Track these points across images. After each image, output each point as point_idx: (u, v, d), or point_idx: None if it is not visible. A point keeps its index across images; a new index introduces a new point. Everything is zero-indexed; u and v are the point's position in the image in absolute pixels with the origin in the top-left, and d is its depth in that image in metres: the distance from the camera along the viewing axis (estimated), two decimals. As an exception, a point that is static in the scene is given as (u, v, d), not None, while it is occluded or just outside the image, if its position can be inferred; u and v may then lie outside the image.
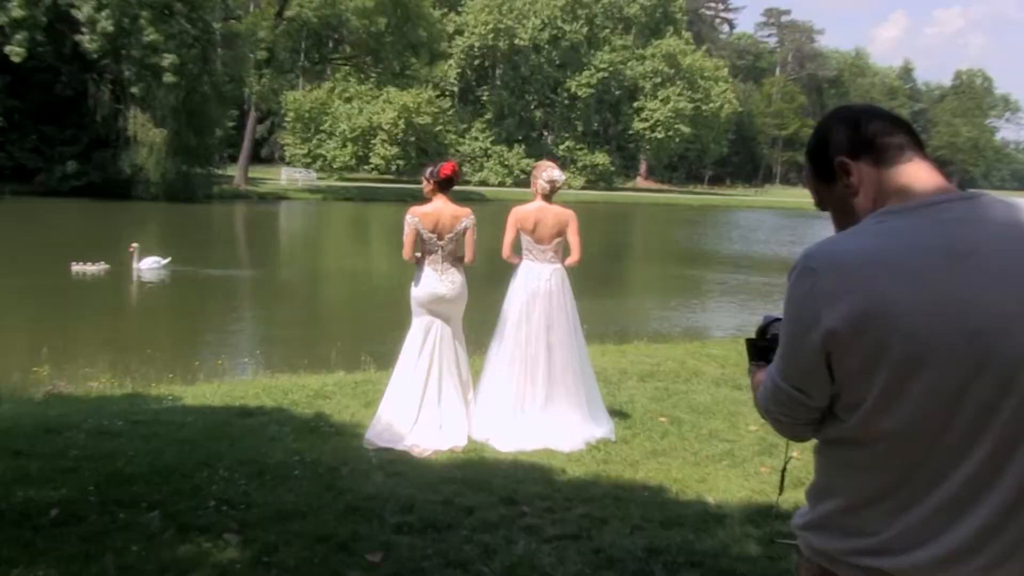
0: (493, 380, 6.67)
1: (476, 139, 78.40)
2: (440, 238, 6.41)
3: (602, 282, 21.79)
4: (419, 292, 6.51)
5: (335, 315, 18.40)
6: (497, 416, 6.56)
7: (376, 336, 14.20)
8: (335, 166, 68.25)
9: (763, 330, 2.05)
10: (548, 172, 6.68)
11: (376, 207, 51.19)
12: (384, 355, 10.68)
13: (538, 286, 6.65)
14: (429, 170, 6.50)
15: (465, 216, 6.43)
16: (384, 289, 21.28)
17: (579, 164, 79.13)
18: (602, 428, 6.60)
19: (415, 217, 6.38)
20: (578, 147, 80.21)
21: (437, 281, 6.47)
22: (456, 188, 6.58)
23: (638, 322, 16.78)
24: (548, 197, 6.69)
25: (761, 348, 2.01)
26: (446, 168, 6.43)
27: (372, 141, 67.87)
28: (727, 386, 8.36)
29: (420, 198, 6.64)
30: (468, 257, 6.50)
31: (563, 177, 6.80)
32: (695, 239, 39.92)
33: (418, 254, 6.52)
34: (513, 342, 6.65)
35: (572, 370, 6.64)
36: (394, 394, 6.50)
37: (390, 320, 16.23)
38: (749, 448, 6.30)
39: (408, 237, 6.40)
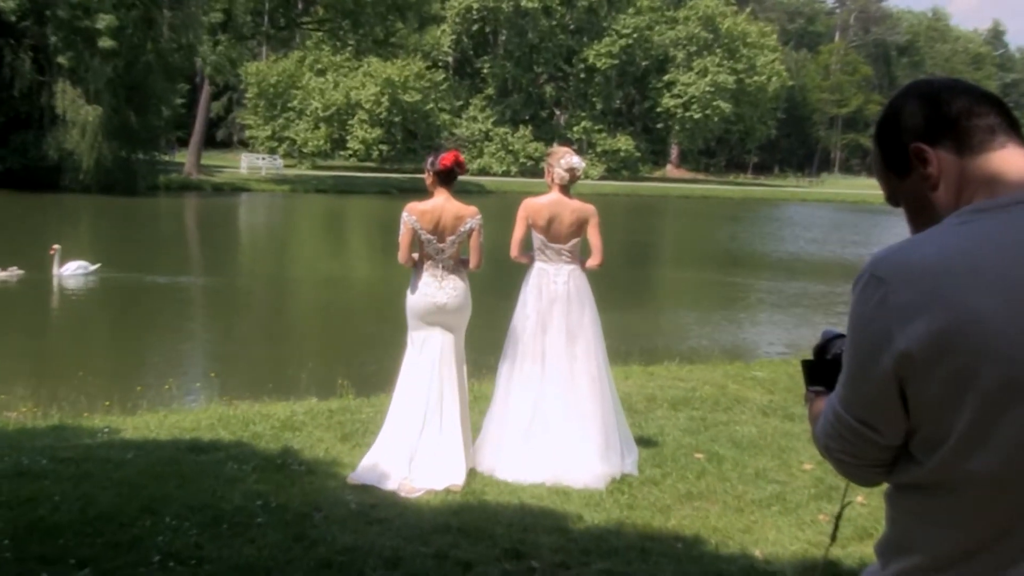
0: (506, 403, 6.73)
1: (475, 120, 78.69)
2: (441, 240, 6.47)
3: (625, 291, 21.74)
4: (415, 302, 6.58)
5: (306, 331, 18.42)
6: (507, 442, 6.63)
7: (356, 356, 14.20)
8: (305, 151, 68.60)
9: (823, 348, 2.03)
10: (566, 159, 6.71)
11: (355, 201, 51.36)
12: (365, 379, 10.69)
13: (555, 290, 6.70)
14: (429, 160, 6.57)
15: (471, 216, 6.48)
16: (365, 300, 21.30)
17: (597, 149, 79.36)
18: (627, 460, 6.64)
19: (412, 215, 6.44)
20: (596, 129, 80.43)
21: (436, 289, 6.53)
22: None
23: (668, 339, 16.75)
24: (566, 188, 6.73)
25: (821, 371, 1.99)
26: (446, 158, 6.46)
27: (350, 122, 68.20)
28: (776, 416, 8.34)
29: (406, 190, 6.71)
30: (473, 262, 6.57)
31: (583, 164, 6.83)
32: (737, 239, 39.92)
33: (415, 256, 6.58)
34: (531, 359, 6.70)
35: (597, 387, 6.69)
36: (391, 424, 6.59)
37: (373, 337, 16.30)
38: (803, 491, 6.28)
39: (404, 238, 6.47)
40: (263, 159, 63.66)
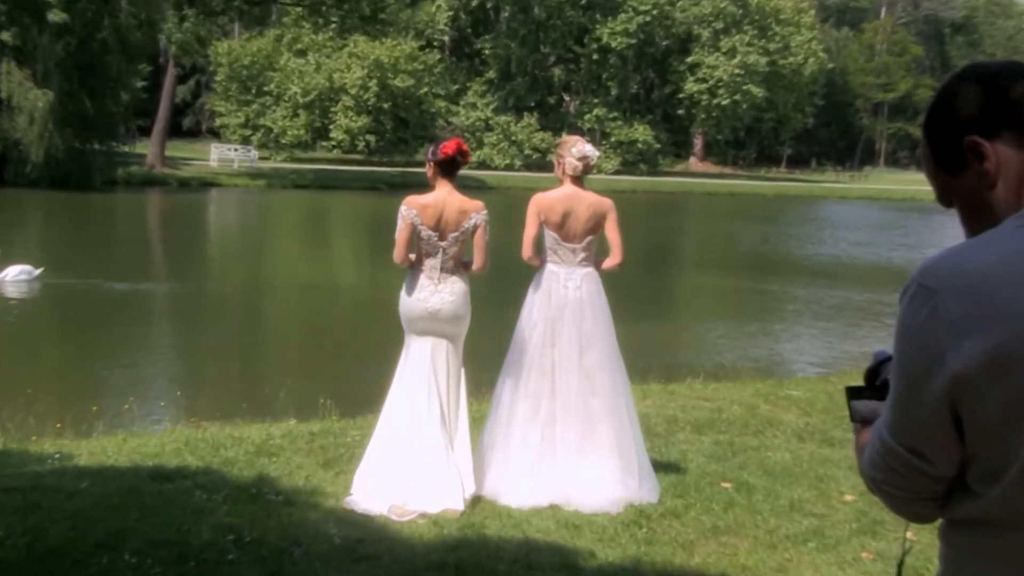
0: (511, 423, 6.75)
1: (474, 107, 78.79)
2: (442, 237, 6.52)
3: (642, 299, 21.72)
4: (407, 306, 6.65)
5: (284, 344, 18.42)
6: (511, 466, 6.66)
7: (340, 372, 14.21)
8: (283, 142, 68.73)
9: (874, 372, 2.00)
10: (578, 147, 6.74)
11: (338, 198, 51.42)
12: (351, 397, 10.68)
13: (566, 296, 6.72)
14: (430, 149, 6.64)
15: (475, 211, 6.54)
16: (351, 309, 21.30)
17: (612, 140, 79.43)
18: (645, 488, 6.66)
19: (412, 209, 6.50)
20: (611, 117, 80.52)
21: (430, 293, 6.59)
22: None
23: (691, 353, 16.74)
24: (579, 180, 6.76)
25: (870, 397, 1.97)
26: (448, 146, 6.52)
27: (333, 109, 68.32)
28: (813, 440, 8.33)
29: (396, 185, 6.76)
30: (477, 263, 6.62)
31: (597, 154, 6.86)
32: (770, 241, 39.89)
33: (412, 256, 6.64)
34: (538, 372, 6.72)
35: (612, 405, 6.71)
36: (377, 441, 6.66)
37: (359, 351, 16.30)
38: (844, 526, 6.27)
39: (401, 234, 6.52)
40: (235, 150, 63.80)
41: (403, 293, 6.68)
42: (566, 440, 6.67)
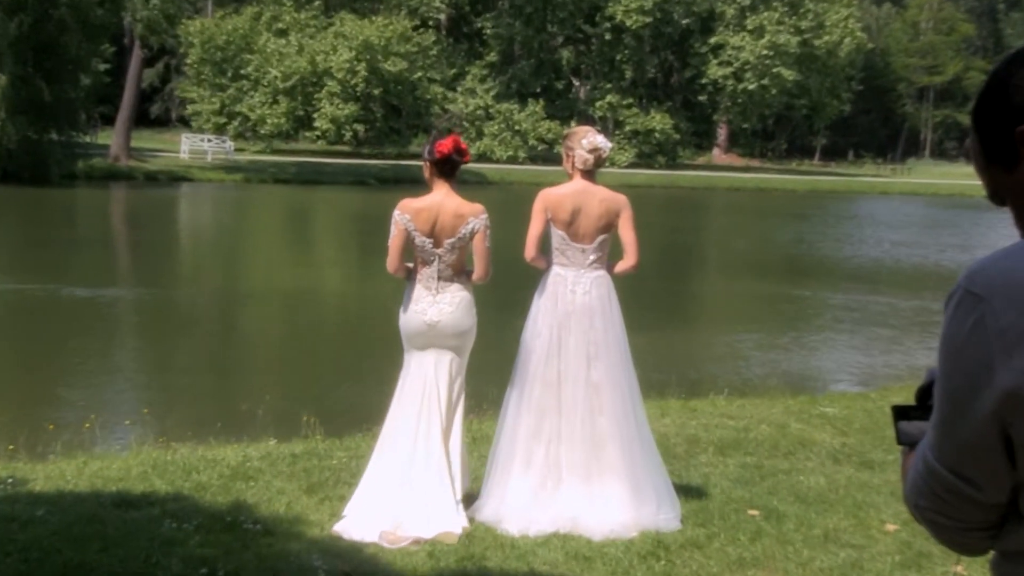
0: (515, 439, 6.77)
1: (473, 93, 78.83)
2: (437, 244, 6.58)
3: (660, 306, 21.71)
4: (405, 320, 6.73)
5: (263, 356, 18.41)
6: (513, 488, 6.68)
7: (325, 388, 14.20)
8: (262, 132, 68.71)
9: (926, 391, 1.97)
10: (589, 138, 6.76)
11: (323, 193, 51.45)
12: (337, 415, 10.69)
13: (573, 301, 6.75)
14: (426, 147, 6.71)
15: (473, 215, 6.59)
16: (337, 318, 21.30)
17: (626, 129, 79.45)
18: (664, 514, 6.67)
19: (405, 214, 6.56)
20: (625, 104, 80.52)
21: (428, 304, 6.65)
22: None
23: (715, 366, 16.72)
24: (590, 174, 6.79)
25: (919, 417, 1.95)
26: (444, 144, 6.59)
27: (317, 95, 68.30)
28: (851, 463, 8.33)
29: (387, 180, 6.82)
30: (478, 272, 6.68)
31: (609, 145, 6.89)
32: (804, 241, 39.85)
33: (410, 265, 6.71)
34: (542, 385, 6.75)
35: (623, 421, 6.73)
36: (375, 462, 6.75)
37: (346, 364, 16.30)
38: (885, 558, 6.26)
39: (395, 242, 6.59)
40: (209, 141, 63.84)
41: (402, 307, 6.75)
42: (572, 460, 6.69)
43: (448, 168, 6.60)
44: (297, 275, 27.21)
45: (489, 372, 7.95)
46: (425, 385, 6.65)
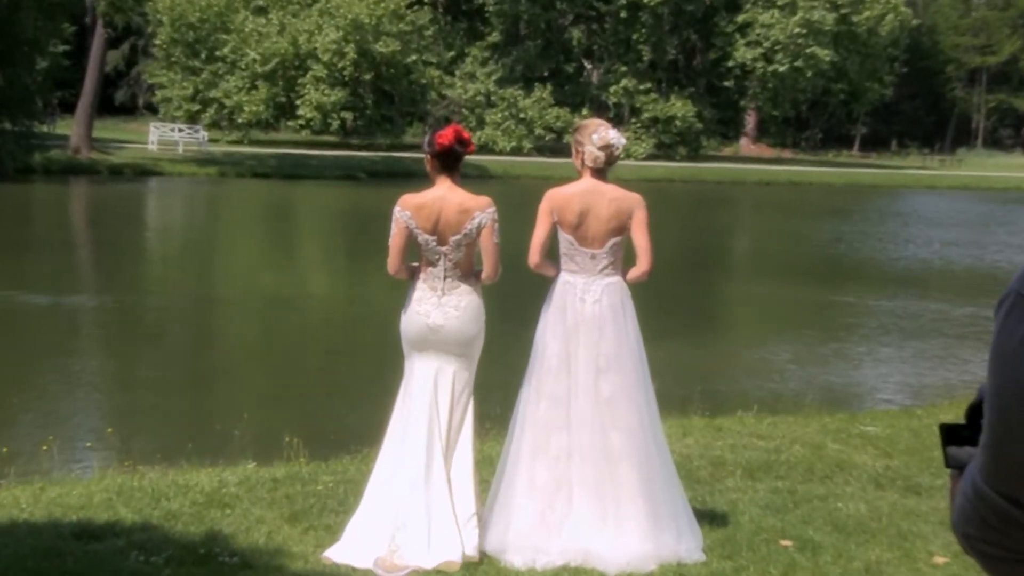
0: (517, 459, 6.79)
1: (473, 77, 78.86)
2: (442, 242, 6.63)
3: (682, 313, 21.67)
4: (406, 323, 6.80)
5: (241, 370, 18.41)
6: (517, 514, 6.69)
7: (309, 405, 14.20)
8: (239, 120, 68.78)
9: (976, 409, 1.94)
10: (600, 133, 6.77)
11: (308, 188, 51.44)
12: (322, 435, 10.68)
13: (582, 311, 6.76)
14: (426, 139, 6.78)
15: (479, 209, 6.65)
16: (323, 327, 21.27)
17: (644, 117, 79.44)
18: (685, 544, 6.66)
19: (406, 210, 6.63)
20: (642, 89, 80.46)
21: (432, 307, 6.70)
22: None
23: (743, 380, 16.72)
24: (601, 172, 6.81)
25: (970, 438, 1.93)
26: (444, 134, 6.65)
27: (301, 80, 68.36)
28: (894, 488, 8.32)
29: (378, 174, 6.86)
30: (486, 271, 6.74)
31: (623, 140, 6.90)
32: (844, 241, 39.77)
33: (414, 264, 6.78)
34: (549, 400, 6.76)
35: (638, 438, 6.73)
36: (373, 482, 6.80)
37: (334, 378, 16.27)
38: (934, 593, 6.25)
39: (395, 240, 6.66)
40: (180, 131, 63.88)
41: (403, 309, 6.81)
42: (583, 477, 6.68)
43: (450, 160, 6.66)
44: (278, 279, 27.20)
45: (494, 389, 7.94)
46: (427, 397, 6.69)
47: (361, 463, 8.67)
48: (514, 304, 11.87)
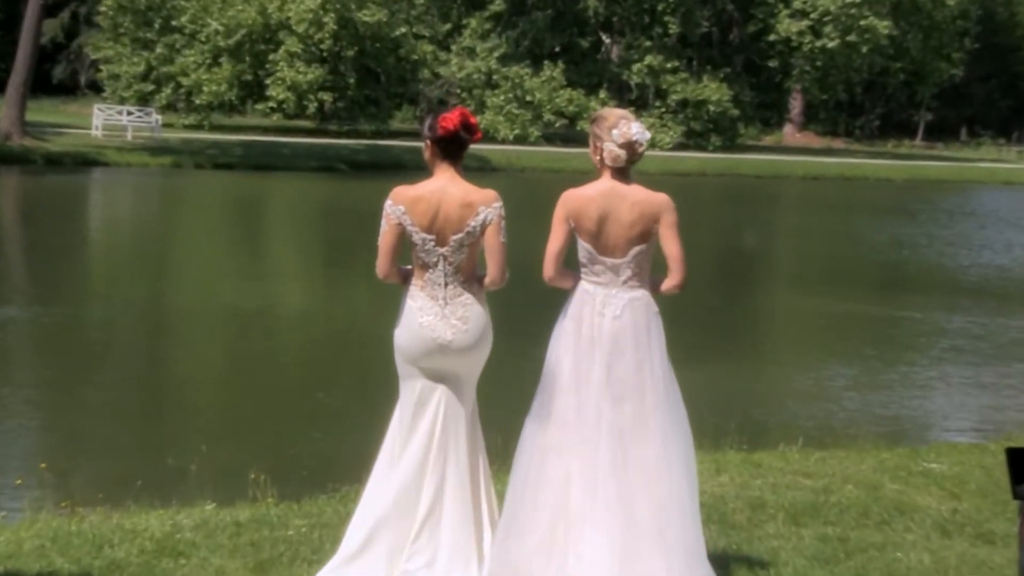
0: (523, 489, 6.79)
1: (472, 53, 78.85)
2: (441, 241, 6.64)
3: (716, 329, 21.68)
4: (404, 338, 6.79)
5: (198, 395, 18.40)
6: (516, 549, 6.71)
7: (279, 435, 14.19)
8: (198, 102, 68.71)
9: None
10: (622, 128, 6.77)
11: (279, 182, 51.42)
12: (294, 471, 10.68)
13: (600, 326, 6.77)
14: (427, 123, 6.80)
15: (485, 203, 6.67)
16: (296, 344, 21.27)
17: (670, 101, 79.37)
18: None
19: (399, 204, 6.64)
20: (669, 68, 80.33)
21: (436, 318, 6.71)
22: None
23: (786, 408, 16.73)
24: (623, 171, 6.81)
25: None
26: (449, 118, 6.65)
27: (271, 56, 68.32)
28: (963, 536, 8.32)
29: (361, 166, 6.86)
30: (492, 274, 6.74)
31: (648, 135, 6.88)
32: (905, 245, 39.75)
33: (407, 268, 6.79)
34: (557, 423, 6.77)
35: (665, 478, 6.73)
36: (365, 511, 6.80)
37: (308, 406, 16.21)
38: (1009, 660, 6.25)
39: (386, 239, 6.67)
40: (129, 114, 63.84)
41: (398, 323, 6.81)
42: (591, 523, 6.66)
43: (454, 148, 6.68)
44: (243, 288, 27.20)
45: (497, 417, 7.93)
46: (434, 416, 6.72)
47: (340, 504, 8.67)
48: (519, 318, 11.88)
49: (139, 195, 47.46)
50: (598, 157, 6.80)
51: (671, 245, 6.72)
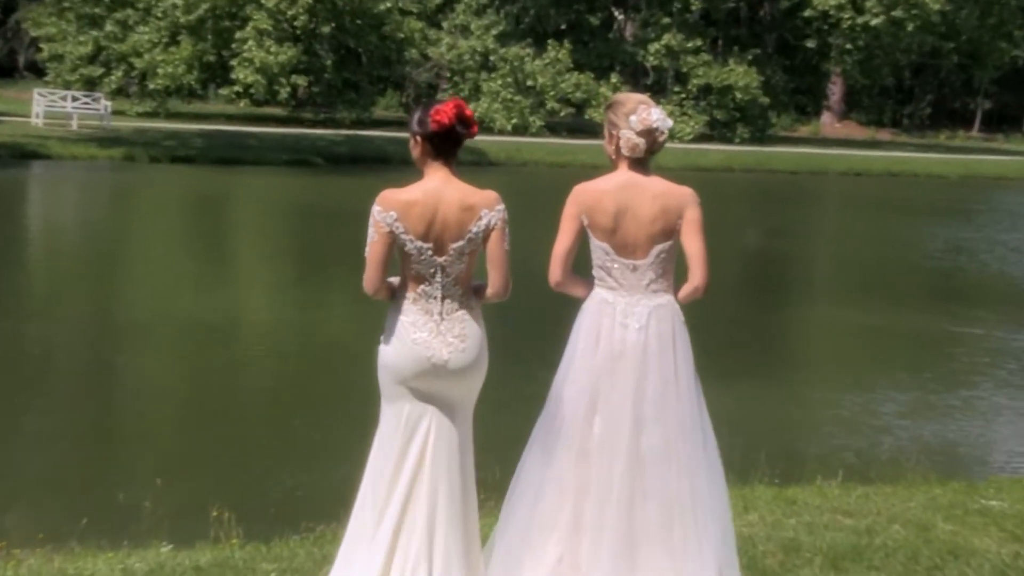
0: (527, 528, 6.81)
1: (466, 31, 78.90)
2: (440, 250, 6.67)
3: (743, 345, 21.72)
4: (394, 357, 6.78)
5: (152, 421, 18.41)
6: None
7: (244, 468, 14.21)
8: (153, 86, 68.71)
9: None
10: (641, 114, 6.82)
11: (246, 177, 51.41)
12: (261, 509, 10.68)
13: (624, 339, 6.80)
14: (416, 116, 6.81)
15: (486, 206, 6.71)
16: (262, 363, 21.31)
17: (691, 86, 79.38)
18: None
19: (390, 211, 6.65)
20: (690, 48, 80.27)
21: (432, 335, 6.73)
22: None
23: (823, 436, 16.77)
24: (642, 163, 6.87)
25: None
26: (442, 111, 6.67)
27: (237, 34, 68.35)
28: (1029, 583, 8.31)
29: (340, 160, 6.86)
30: (495, 285, 6.78)
31: (669, 124, 6.93)
32: (963, 251, 39.77)
33: (394, 280, 6.81)
34: (567, 452, 6.81)
35: (675, 519, 6.74)
36: (346, 555, 6.84)
37: (277, 433, 16.24)
38: None
39: (375, 249, 6.68)
40: (74, 100, 63.88)
41: (384, 339, 6.82)
42: (613, 561, 6.67)
43: (448, 145, 6.71)
44: (205, 300, 27.24)
45: (492, 445, 7.94)
46: (423, 444, 6.72)
47: (315, 546, 8.68)
48: (516, 333, 11.90)
49: (86, 193, 47.43)
50: (613, 147, 6.83)
51: (693, 242, 6.76)
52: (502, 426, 8.02)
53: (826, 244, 44.81)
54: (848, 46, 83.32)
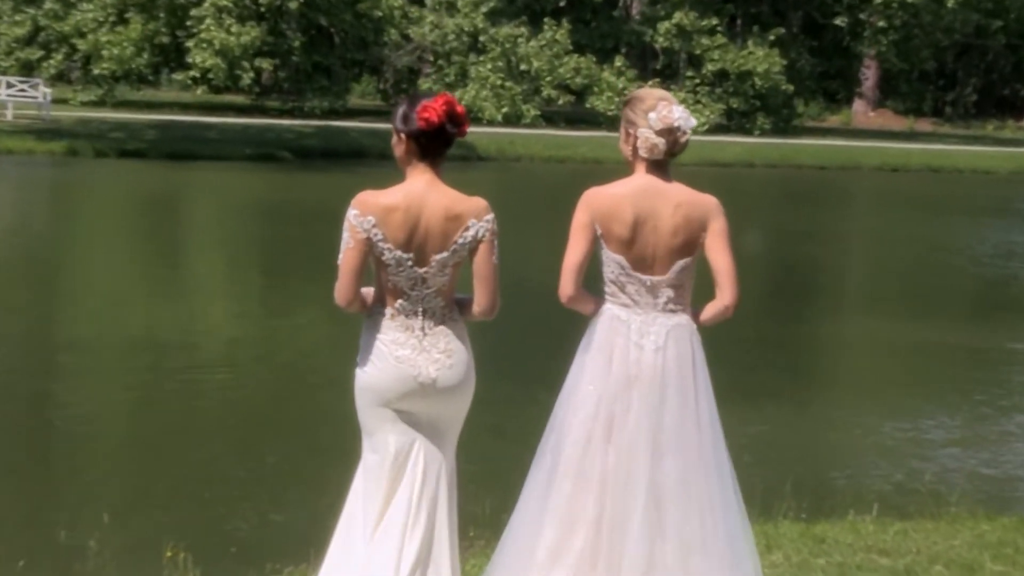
0: (528, 563, 6.83)
1: (452, 8, 78.93)
2: (421, 261, 6.69)
3: (767, 365, 21.75)
4: (376, 377, 6.79)
5: (97, 449, 18.45)
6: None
7: (202, 501, 14.22)
8: (99, 72, 68.68)
9: None
10: (661, 111, 6.85)
11: (203, 173, 51.48)
12: (221, 548, 10.69)
13: (639, 360, 6.83)
14: (399, 112, 6.83)
15: (474, 215, 6.75)
16: (222, 383, 21.34)
17: (705, 71, 79.50)
18: None
19: (367, 215, 6.67)
20: (704, 28, 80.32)
21: (415, 351, 6.75)
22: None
23: (856, 466, 16.78)
24: (662, 165, 6.91)
25: None
26: (430, 108, 6.69)
27: (193, 11, 68.35)
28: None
29: (309, 155, 6.85)
30: (481, 303, 6.81)
31: (693, 122, 6.98)
32: (1014, 256, 39.79)
33: (368, 291, 6.84)
34: (574, 482, 6.82)
35: (709, 549, 6.76)
36: None
37: (239, 461, 16.28)
38: None
39: (349, 258, 6.70)
40: (9, 86, 63.96)
41: (360, 359, 6.84)
42: None
43: (437, 146, 6.74)
44: (158, 314, 27.29)
45: (479, 477, 7.96)
46: (410, 471, 6.74)
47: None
48: (506, 353, 11.92)
49: (22, 191, 47.50)
50: (630, 147, 6.84)
51: (721, 257, 6.77)
52: (491, 454, 8.03)
53: (859, 249, 44.88)
54: (883, 24, 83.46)
